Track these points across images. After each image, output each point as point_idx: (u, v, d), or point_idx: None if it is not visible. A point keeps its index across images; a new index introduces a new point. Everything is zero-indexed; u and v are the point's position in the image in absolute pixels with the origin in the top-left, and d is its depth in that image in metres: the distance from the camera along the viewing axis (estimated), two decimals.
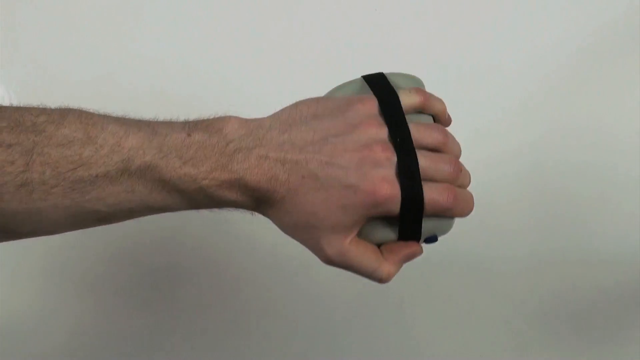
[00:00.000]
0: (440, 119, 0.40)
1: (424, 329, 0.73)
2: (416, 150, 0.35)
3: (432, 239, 0.38)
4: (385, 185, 0.34)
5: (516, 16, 0.71)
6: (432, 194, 0.35)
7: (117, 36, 0.66)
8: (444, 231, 0.38)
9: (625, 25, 0.71)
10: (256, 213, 0.38)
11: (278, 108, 0.67)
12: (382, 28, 0.70)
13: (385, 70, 0.41)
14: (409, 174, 0.34)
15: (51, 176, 0.31)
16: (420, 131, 0.36)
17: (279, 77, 0.67)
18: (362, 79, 0.40)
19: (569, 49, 0.71)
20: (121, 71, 0.64)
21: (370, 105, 0.36)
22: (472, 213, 0.66)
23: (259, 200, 0.36)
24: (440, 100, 0.39)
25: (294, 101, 0.37)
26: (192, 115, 0.38)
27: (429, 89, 0.67)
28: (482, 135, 0.70)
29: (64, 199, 0.32)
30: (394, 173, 0.34)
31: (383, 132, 0.35)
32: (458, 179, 0.36)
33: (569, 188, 0.72)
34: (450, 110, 0.67)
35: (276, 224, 0.38)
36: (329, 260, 0.37)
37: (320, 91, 0.66)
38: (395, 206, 0.35)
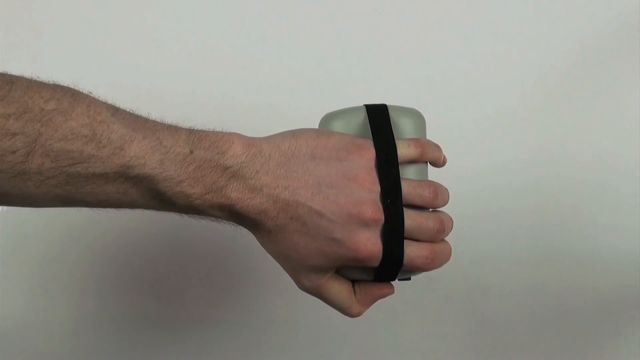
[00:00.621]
0: (436, 164, 0.41)
1: (422, 329, 0.74)
2: (404, 211, 0.37)
3: (406, 278, 0.40)
4: (368, 246, 0.36)
5: (516, 18, 0.71)
6: (412, 254, 0.37)
7: (118, 35, 0.65)
8: (418, 274, 0.40)
9: (625, 26, 0.71)
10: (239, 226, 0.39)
11: (278, 109, 0.67)
12: (382, 28, 0.70)
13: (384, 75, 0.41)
14: (393, 238, 0.36)
15: (49, 168, 0.31)
16: (411, 190, 0.37)
17: (279, 76, 0.67)
18: (364, 110, 0.40)
19: (568, 51, 0.72)
20: (122, 70, 0.64)
21: (367, 157, 0.37)
22: (472, 214, 0.68)
23: (246, 224, 0.37)
24: (437, 148, 0.40)
25: (292, 101, 0.38)
26: (190, 114, 0.38)
27: (429, 91, 0.67)
28: (480, 136, 0.71)
29: (57, 189, 0.32)
30: (378, 234, 0.36)
31: (375, 190, 0.36)
32: (440, 237, 0.38)
33: (568, 187, 0.72)
34: (450, 112, 0.68)
35: (259, 243, 0.39)
36: (304, 290, 0.39)
37: (321, 90, 0.67)
38: (374, 263, 0.37)
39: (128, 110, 0.35)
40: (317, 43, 0.68)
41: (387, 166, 0.37)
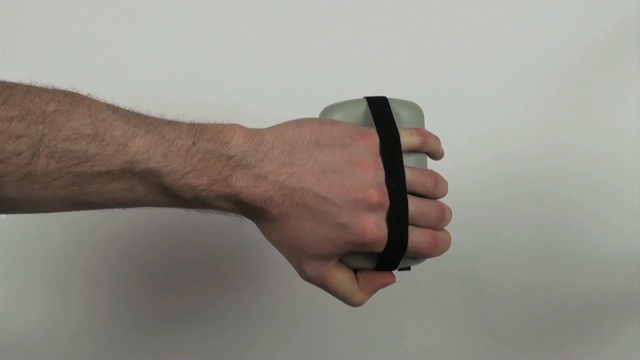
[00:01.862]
0: (435, 156, 0.42)
1: (420, 329, 0.74)
2: (408, 197, 0.37)
3: (405, 268, 0.41)
4: (374, 230, 0.36)
5: (515, 19, 0.71)
6: (415, 240, 0.37)
7: (116, 38, 0.65)
8: (418, 263, 0.40)
9: (625, 26, 0.71)
10: (244, 218, 0.39)
11: (278, 109, 0.67)
12: (382, 28, 0.70)
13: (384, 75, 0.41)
14: (398, 222, 0.36)
15: (55, 169, 0.31)
16: (414, 177, 0.38)
17: (279, 76, 0.68)
18: (365, 101, 0.41)
19: (568, 50, 0.72)
20: (121, 72, 0.65)
21: (372, 143, 0.37)
22: (471, 213, 0.69)
23: (251, 214, 0.37)
24: (436, 139, 0.41)
25: (292, 100, 0.38)
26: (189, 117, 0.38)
27: (428, 90, 0.67)
28: (479, 135, 0.71)
29: (63, 190, 0.32)
30: (384, 218, 0.36)
31: (380, 175, 0.37)
32: (441, 224, 0.39)
33: (568, 186, 0.72)
34: (450, 110, 0.68)
35: (263, 234, 0.39)
36: (307, 279, 0.39)
37: (320, 90, 0.67)
38: (380, 248, 0.37)
39: (128, 108, 0.35)
40: (316, 43, 0.69)
41: (392, 152, 0.37)
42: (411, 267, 0.41)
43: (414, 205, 0.37)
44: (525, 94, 0.72)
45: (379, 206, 0.36)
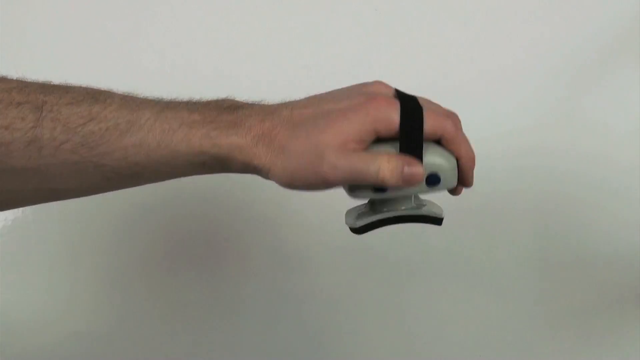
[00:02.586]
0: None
1: (423, 329, 0.72)
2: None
3: (434, 178, 0.37)
4: (385, 98, 0.35)
5: (516, 19, 0.72)
6: (431, 117, 0.36)
7: (117, 38, 0.67)
8: (445, 172, 0.37)
9: (625, 26, 0.71)
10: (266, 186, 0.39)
11: None
12: (382, 28, 0.71)
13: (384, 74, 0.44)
14: (408, 97, 0.37)
15: (61, 132, 0.32)
16: (431, 118, 0.36)
17: (278, 75, 0.68)
18: None
19: (569, 50, 0.72)
20: (120, 73, 0.66)
21: (388, 89, 0.38)
22: (473, 213, 0.69)
23: (264, 142, 0.35)
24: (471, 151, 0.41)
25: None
26: None
27: (429, 90, 0.67)
28: (480, 135, 0.70)
29: (72, 154, 0.32)
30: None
31: (391, 92, 0.38)
32: (457, 124, 0.38)
33: (569, 187, 0.72)
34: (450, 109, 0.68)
35: (282, 175, 0.35)
36: (334, 174, 0.34)
37: (320, 90, 0.66)
38: (394, 115, 0.35)
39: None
40: (316, 42, 0.70)
41: (407, 96, 0.37)
42: (440, 181, 0.37)
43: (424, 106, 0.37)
44: (526, 94, 0.71)
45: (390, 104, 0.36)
